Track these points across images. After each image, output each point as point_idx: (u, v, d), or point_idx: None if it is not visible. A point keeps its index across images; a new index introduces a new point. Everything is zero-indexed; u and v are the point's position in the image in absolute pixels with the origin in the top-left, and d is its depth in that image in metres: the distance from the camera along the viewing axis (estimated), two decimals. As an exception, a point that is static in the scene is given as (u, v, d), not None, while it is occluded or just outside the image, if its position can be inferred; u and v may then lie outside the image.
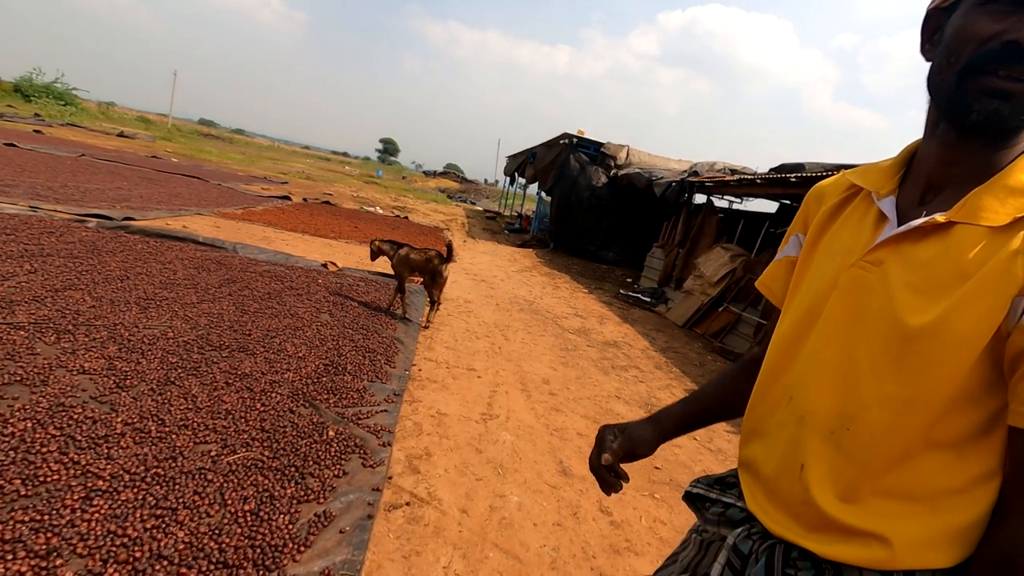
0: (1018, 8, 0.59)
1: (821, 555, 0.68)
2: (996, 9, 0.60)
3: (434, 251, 4.57)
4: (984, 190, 0.63)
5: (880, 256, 0.69)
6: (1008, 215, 0.60)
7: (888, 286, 0.66)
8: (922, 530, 0.63)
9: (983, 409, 0.61)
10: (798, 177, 6.52)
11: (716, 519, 0.87)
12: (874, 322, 0.66)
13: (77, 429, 2.02)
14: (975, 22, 0.62)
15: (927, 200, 0.70)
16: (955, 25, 0.64)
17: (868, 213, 0.75)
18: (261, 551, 1.67)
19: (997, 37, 0.59)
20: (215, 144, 31.87)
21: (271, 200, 10.62)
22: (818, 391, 0.71)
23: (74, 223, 5.02)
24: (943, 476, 0.63)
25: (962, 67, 0.62)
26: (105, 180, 8.30)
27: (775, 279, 0.93)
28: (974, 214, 0.62)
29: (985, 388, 0.61)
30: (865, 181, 0.78)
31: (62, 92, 25.96)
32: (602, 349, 5.35)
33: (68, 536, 1.54)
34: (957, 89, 0.63)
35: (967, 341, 0.59)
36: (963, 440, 0.62)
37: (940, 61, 0.66)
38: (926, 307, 0.61)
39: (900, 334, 0.63)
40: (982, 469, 0.63)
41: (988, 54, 0.60)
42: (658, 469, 3.01)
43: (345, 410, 2.71)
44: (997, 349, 0.59)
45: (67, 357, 2.51)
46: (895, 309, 0.64)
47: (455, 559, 1.94)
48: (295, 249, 6.33)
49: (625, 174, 12.31)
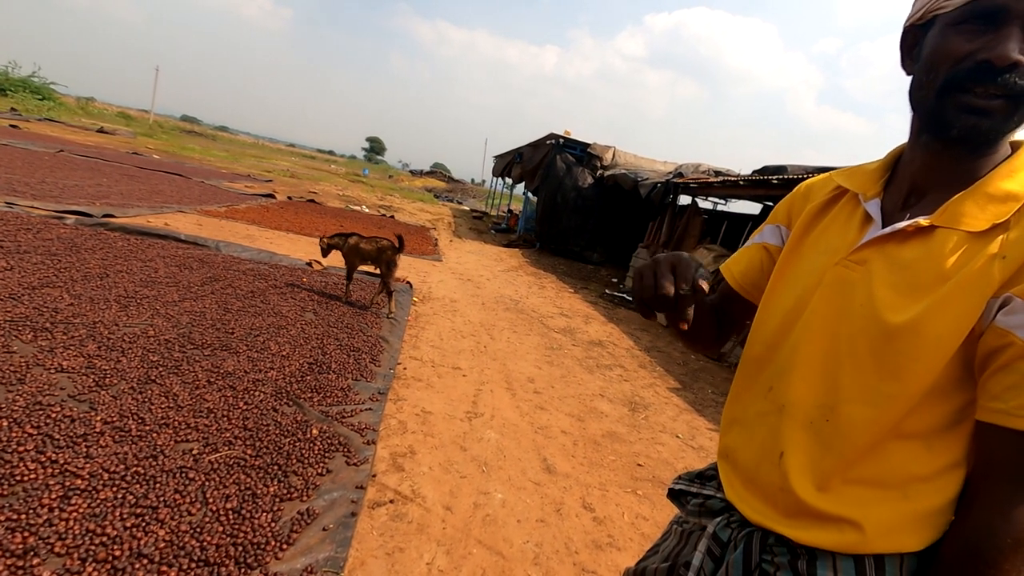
0: (988, 28, 0.62)
1: (796, 541, 0.71)
2: (968, 29, 0.63)
3: (387, 241, 4.64)
4: (965, 196, 0.66)
5: (864, 256, 0.71)
6: (987, 221, 0.63)
7: (871, 285, 0.68)
8: (893, 516, 0.66)
9: (953, 403, 0.65)
10: (780, 179, 6.63)
11: (696, 510, 0.89)
12: (857, 319, 0.69)
13: (55, 428, 1.99)
14: (949, 42, 0.65)
15: (911, 203, 0.73)
16: (931, 44, 0.67)
17: (854, 214, 0.78)
18: (243, 549, 1.67)
19: (971, 56, 0.62)
20: (198, 141, 31.42)
21: (255, 198, 10.50)
22: (800, 383, 0.74)
23: (52, 220, 4.93)
24: (913, 465, 0.66)
25: (940, 85, 0.65)
26: (84, 176, 8.15)
27: (738, 262, 0.97)
28: (955, 219, 0.65)
29: (956, 383, 0.64)
30: (852, 183, 0.81)
31: (40, 86, 25.40)
32: (587, 348, 5.39)
33: (46, 535, 1.53)
34: (937, 105, 0.66)
35: (944, 339, 0.62)
36: (933, 431, 0.66)
37: (920, 78, 0.69)
38: (907, 306, 0.64)
39: (881, 331, 0.66)
40: (950, 458, 0.66)
41: (963, 73, 0.63)
42: (640, 466, 3.04)
43: (329, 408, 2.70)
44: (970, 347, 0.62)
45: (44, 355, 2.47)
46: (877, 307, 0.67)
47: (439, 556, 1.95)
48: (279, 247, 6.28)
49: (611, 175, 12.39)
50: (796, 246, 0.84)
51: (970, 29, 0.63)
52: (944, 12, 0.65)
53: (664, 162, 13.73)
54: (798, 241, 0.84)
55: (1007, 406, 0.59)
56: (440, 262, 8.42)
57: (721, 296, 0.99)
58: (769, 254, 0.91)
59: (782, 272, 0.85)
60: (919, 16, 0.70)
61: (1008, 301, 0.59)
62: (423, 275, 6.95)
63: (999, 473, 0.61)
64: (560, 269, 11.20)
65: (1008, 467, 0.60)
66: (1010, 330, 0.59)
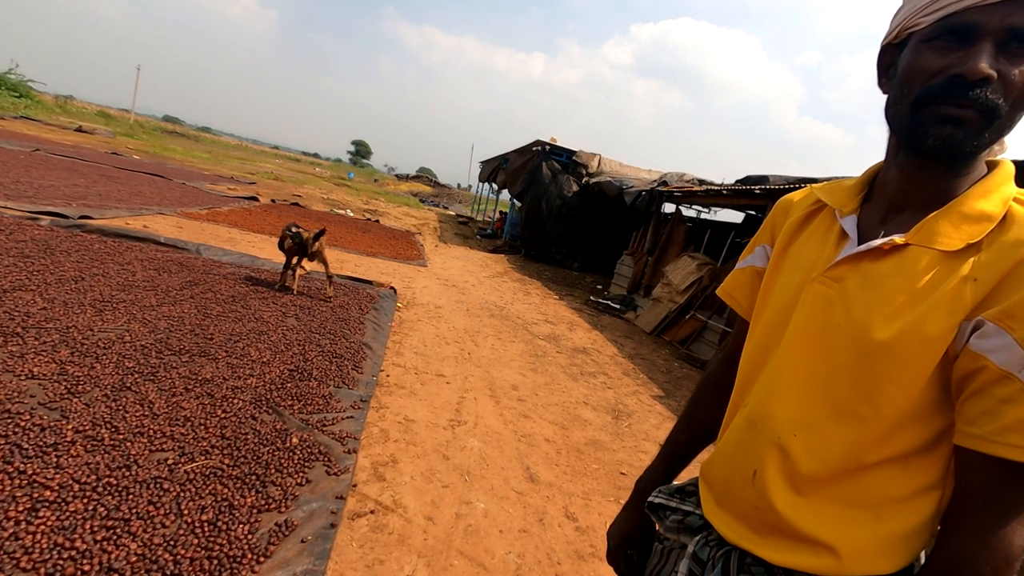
0: (960, 44, 0.63)
1: (771, 562, 0.71)
2: (940, 45, 0.64)
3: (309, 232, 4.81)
4: (940, 215, 0.66)
5: (840, 273, 0.71)
6: (961, 240, 0.64)
7: (848, 303, 0.68)
8: (867, 537, 0.66)
9: (930, 425, 0.64)
10: (762, 189, 6.72)
11: (675, 527, 0.88)
12: (834, 337, 0.68)
13: (24, 437, 1.93)
14: (922, 58, 0.66)
15: (888, 220, 0.73)
16: (905, 61, 0.68)
17: (831, 229, 0.78)
18: (218, 562, 1.63)
19: (943, 72, 0.63)
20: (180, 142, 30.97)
21: (237, 200, 10.36)
22: (776, 400, 0.73)
23: (25, 221, 4.80)
24: (888, 486, 0.66)
25: (914, 99, 0.66)
26: (61, 176, 7.97)
27: (738, 287, 0.95)
28: (930, 238, 0.66)
29: (932, 405, 0.64)
30: (830, 198, 0.81)
31: (16, 84, 24.82)
32: (571, 355, 5.40)
33: (11, 549, 1.47)
34: (912, 119, 0.67)
35: (919, 360, 0.62)
36: (909, 453, 0.65)
37: (895, 94, 0.70)
38: (883, 325, 0.64)
39: (857, 350, 0.65)
40: (925, 481, 0.66)
41: (936, 88, 0.64)
42: (624, 475, 3.05)
43: (310, 416, 2.66)
44: (945, 369, 0.62)
45: (14, 361, 2.40)
46: (853, 326, 0.66)
47: (419, 568, 1.92)
48: (261, 251, 6.20)
49: (596, 182, 12.47)
50: (778, 262, 0.84)
51: (942, 45, 0.64)
52: (918, 29, 0.67)
53: (649, 170, 13.86)
54: (779, 256, 0.84)
55: (982, 431, 0.59)
56: (425, 267, 8.38)
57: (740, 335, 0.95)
58: (760, 276, 0.90)
59: (766, 289, 0.85)
60: (894, 35, 0.71)
61: (980, 324, 0.60)
62: (407, 280, 6.91)
63: (977, 499, 0.61)
64: (545, 275, 11.23)
65: (985, 493, 0.60)
66: (983, 354, 0.59)
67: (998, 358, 0.58)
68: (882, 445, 0.65)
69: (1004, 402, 0.58)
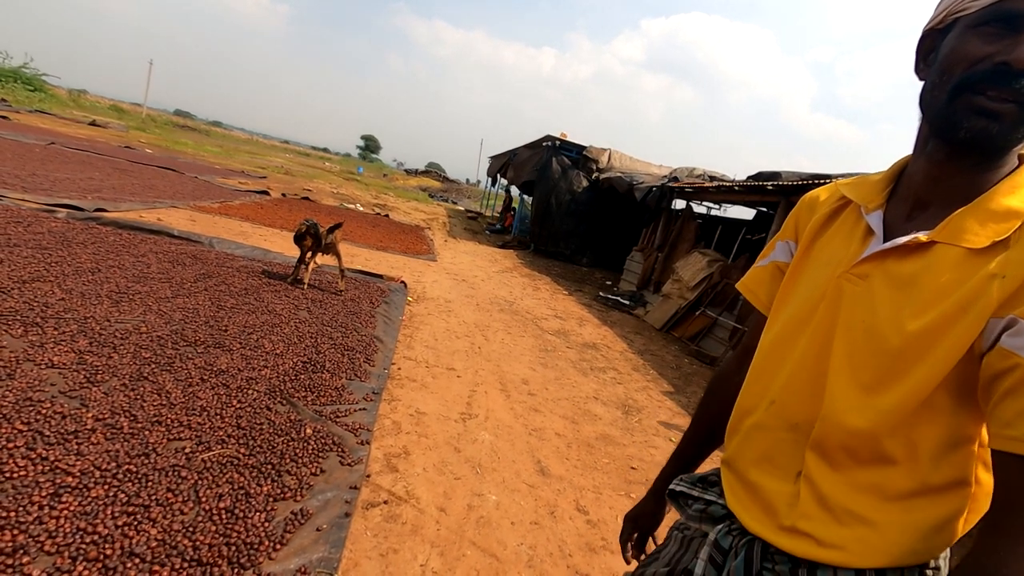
0: (1009, 31, 0.61)
1: (795, 553, 0.71)
2: (988, 31, 0.62)
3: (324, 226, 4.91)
4: (967, 212, 0.65)
5: (866, 270, 0.71)
6: (988, 238, 0.62)
7: (872, 300, 0.68)
8: (893, 530, 0.66)
9: (953, 423, 0.64)
10: (775, 185, 6.67)
11: (698, 516, 0.89)
12: (858, 334, 0.68)
13: (45, 424, 1.96)
14: (968, 43, 0.64)
15: (913, 216, 0.72)
16: (949, 46, 0.66)
17: (857, 226, 0.77)
18: (236, 549, 1.66)
19: (988, 59, 0.62)
20: (191, 136, 31.18)
21: (249, 194, 10.44)
22: (802, 397, 0.73)
23: (43, 213, 4.87)
24: (915, 481, 0.66)
25: (953, 86, 0.64)
26: (76, 170, 8.07)
27: (760, 283, 0.94)
28: (956, 235, 0.65)
29: (955, 403, 0.63)
30: (855, 194, 0.80)
31: (31, 77, 25.10)
32: (581, 351, 5.40)
33: (35, 533, 1.51)
34: (948, 107, 0.65)
35: (942, 357, 0.61)
36: (934, 449, 0.65)
37: (933, 79, 0.68)
38: (906, 323, 0.63)
39: (881, 348, 0.65)
40: (951, 477, 0.66)
41: (978, 75, 0.62)
42: (634, 469, 3.05)
43: (323, 408, 2.69)
44: (968, 368, 0.61)
45: (35, 350, 2.44)
46: (877, 324, 0.66)
47: (432, 557, 1.94)
48: (273, 245, 6.24)
49: (607, 178, 12.42)
50: (802, 258, 0.84)
51: (990, 32, 0.62)
52: (966, 14, 0.65)
53: (660, 166, 13.78)
54: (804, 253, 0.84)
55: (1019, 432, 0.57)
56: (435, 262, 8.40)
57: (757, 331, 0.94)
58: (782, 273, 0.89)
59: (789, 284, 0.84)
60: (939, 20, 0.69)
61: (1013, 323, 0.58)
62: (417, 275, 6.93)
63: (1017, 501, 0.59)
64: (554, 271, 11.22)
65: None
66: (1015, 351, 0.57)
67: None
68: (906, 440, 0.65)
69: None
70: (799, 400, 0.74)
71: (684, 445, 1.07)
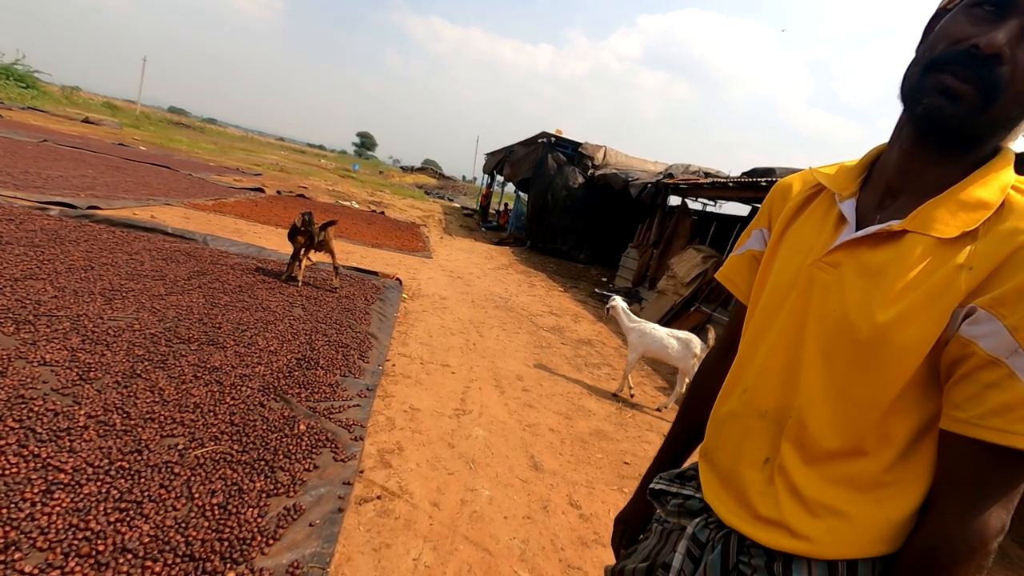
0: (996, 17, 0.61)
1: (769, 545, 0.71)
2: (978, 14, 0.63)
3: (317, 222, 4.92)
4: (938, 202, 0.66)
5: (837, 258, 0.71)
6: (957, 228, 0.63)
7: (843, 289, 0.68)
8: (864, 521, 0.67)
9: (923, 412, 0.65)
10: (769, 181, 6.69)
11: (676, 510, 0.89)
12: (829, 323, 0.69)
13: (37, 422, 1.97)
14: (956, 23, 0.64)
15: (885, 205, 0.72)
16: (942, 23, 0.67)
17: (829, 213, 0.77)
18: (229, 544, 1.66)
19: (967, 40, 0.62)
20: (185, 133, 31.02)
21: (243, 192, 10.40)
22: (773, 385, 0.74)
23: (35, 211, 4.85)
24: (884, 471, 0.66)
25: (927, 62, 0.65)
26: (68, 167, 8.02)
27: (738, 272, 0.95)
28: (926, 225, 0.65)
29: (925, 392, 0.64)
30: (830, 181, 0.80)
31: (23, 74, 24.91)
32: (576, 347, 5.41)
33: (27, 530, 1.51)
34: (918, 83, 0.66)
35: (912, 348, 0.62)
36: (905, 439, 0.66)
37: (916, 56, 0.69)
38: (876, 314, 0.64)
39: (852, 337, 0.66)
40: (920, 466, 0.66)
41: (951, 54, 0.63)
42: (627, 464, 3.07)
43: (317, 404, 2.69)
44: (936, 356, 0.63)
45: (27, 348, 2.44)
46: (848, 312, 0.67)
47: (425, 551, 1.95)
48: (268, 242, 6.23)
49: (602, 175, 12.43)
50: (776, 245, 0.84)
51: (981, 14, 0.62)
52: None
53: (655, 162, 13.79)
54: (777, 240, 0.84)
55: (967, 415, 0.60)
56: (430, 259, 8.40)
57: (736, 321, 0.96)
58: (757, 262, 0.90)
59: (764, 272, 0.85)
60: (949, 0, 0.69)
61: (972, 312, 0.60)
62: (413, 272, 6.93)
63: (958, 481, 0.62)
64: (550, 268, 11.23)
65: (967, 475, 0.61)
66: (973, 339, 0.59)
67: (987, 343, 0.58)
68: (877, 430, 0.66)
69: (990, 387, 0.58)
70: (769, 388, 0.75)
71: (669, 442, 1.08)
